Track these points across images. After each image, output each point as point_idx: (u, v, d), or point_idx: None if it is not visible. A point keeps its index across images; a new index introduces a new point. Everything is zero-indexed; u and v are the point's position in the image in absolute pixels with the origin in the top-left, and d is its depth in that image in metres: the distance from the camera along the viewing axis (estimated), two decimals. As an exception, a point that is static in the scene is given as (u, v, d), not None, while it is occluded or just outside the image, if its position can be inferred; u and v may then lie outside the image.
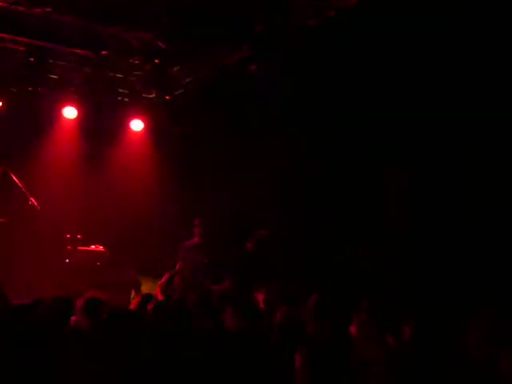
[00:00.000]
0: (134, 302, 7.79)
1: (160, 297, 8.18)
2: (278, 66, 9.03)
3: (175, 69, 10.53)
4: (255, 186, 10.82)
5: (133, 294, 10.86)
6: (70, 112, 11.39)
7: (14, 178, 10.48)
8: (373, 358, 4.79)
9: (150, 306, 6.48)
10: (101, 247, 11.00)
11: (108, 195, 11.78)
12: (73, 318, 5.85)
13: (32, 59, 9.97)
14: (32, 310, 5.42)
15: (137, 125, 11.92)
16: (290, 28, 8.12)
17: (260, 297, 7.87)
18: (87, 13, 8.70)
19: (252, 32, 8.26)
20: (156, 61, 9.90)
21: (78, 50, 10.04)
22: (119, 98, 11.73)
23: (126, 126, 11.98)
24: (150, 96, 11.66)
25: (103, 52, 9.83)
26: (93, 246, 10.95)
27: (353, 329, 5.55)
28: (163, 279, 8.88)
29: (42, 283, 7.88)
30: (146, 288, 10.33)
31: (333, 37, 8.13)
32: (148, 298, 6.90)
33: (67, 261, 10.61)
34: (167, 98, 11.21)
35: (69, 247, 10.73)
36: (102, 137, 11.97)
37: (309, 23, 8.09)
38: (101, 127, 11.83)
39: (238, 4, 7.79)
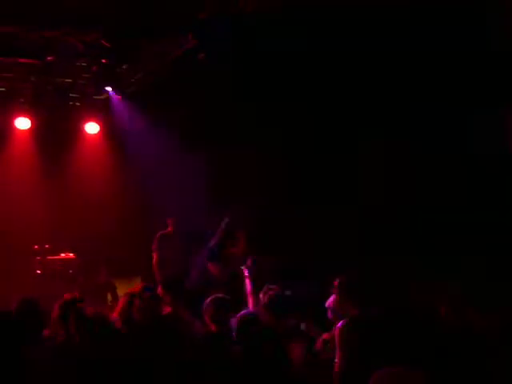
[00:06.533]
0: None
1: None
2: (227, 54, 8.95)
3: (124, 67, 10.40)
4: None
5: (109, 297, 10.83)
6: (22, 123, 11.21)
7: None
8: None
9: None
10: (71, 254, 10.92)
11: (71, 201, 11.68)
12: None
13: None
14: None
15: (92, 128, 11.81)
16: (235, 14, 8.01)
17: None
18: (28, 20, 8.52)
19: (196, 20, 8.16)
20: (103, 61, 9.76)
21: (22, 60, 9.86)
22: (71, 103, 11.58)
23: (80, 129, 11.84)
24: (102, 97, 11.52)
25: (49, 58, 9.64)
26: (62, 254, 10.87)
27: None
28: None
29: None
30: (121, 289, 10.29)
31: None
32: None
33: (39, 272, 10.52)
34: (119, 97, 11.08)
35: (38, 258, 10.64)
36: (58, 144, 11.83)
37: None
38: (55, 134, 11.69)
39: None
